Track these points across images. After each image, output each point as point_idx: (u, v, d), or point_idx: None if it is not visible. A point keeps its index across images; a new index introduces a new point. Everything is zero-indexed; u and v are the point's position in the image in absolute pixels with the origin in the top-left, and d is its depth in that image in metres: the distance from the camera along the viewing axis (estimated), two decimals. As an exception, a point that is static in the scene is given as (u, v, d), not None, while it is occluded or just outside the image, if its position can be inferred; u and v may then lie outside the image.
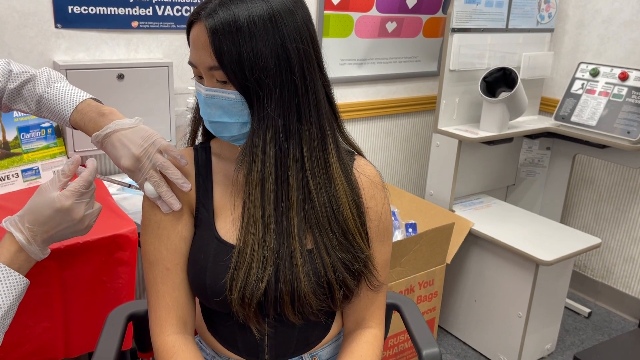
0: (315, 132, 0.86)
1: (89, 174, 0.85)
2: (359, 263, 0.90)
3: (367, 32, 2.34)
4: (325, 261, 0.87)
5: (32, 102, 1.02)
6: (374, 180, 0.96)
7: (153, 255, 0.92)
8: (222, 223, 0.92)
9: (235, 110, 0.84)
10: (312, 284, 0.86)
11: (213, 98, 0.83)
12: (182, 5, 1.86)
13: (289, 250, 0.86)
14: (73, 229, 0.86)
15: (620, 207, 2.52)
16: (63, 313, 1.35)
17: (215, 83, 0.83)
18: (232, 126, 0.85)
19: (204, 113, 0.86)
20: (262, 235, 0.85)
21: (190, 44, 0.83)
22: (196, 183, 0.94)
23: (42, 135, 1.65)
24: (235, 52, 0.79)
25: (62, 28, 1.68)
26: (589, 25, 2.49)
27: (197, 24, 0.81)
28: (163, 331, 0.91)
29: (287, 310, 0.87)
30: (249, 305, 0.85)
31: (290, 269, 0.86)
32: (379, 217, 0.96)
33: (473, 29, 2.17)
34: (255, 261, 0.85)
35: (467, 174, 2.38)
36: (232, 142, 0.89)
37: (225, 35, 0.79)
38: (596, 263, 2.65)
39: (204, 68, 0.82)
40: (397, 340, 2.00)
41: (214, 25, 0.79)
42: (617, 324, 2.48)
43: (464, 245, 2.13)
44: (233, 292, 0.85)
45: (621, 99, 2.16)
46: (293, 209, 0.86)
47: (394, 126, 2.62)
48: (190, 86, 1.91)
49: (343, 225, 0.89)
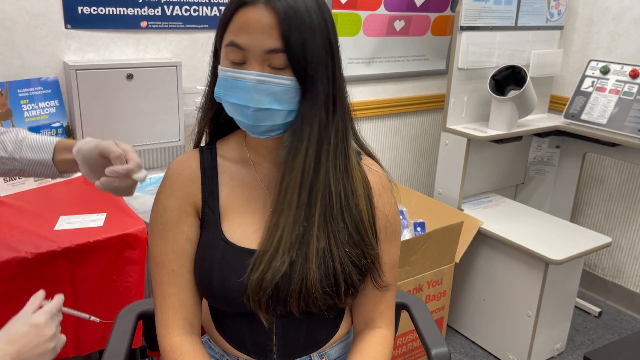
0: (342, 125, 0.88)
1: (57, 302, 0.94)
2: (367, 259, 0.90)
3: (375, 30, 2.33)
4: (334, 253, 0.87)
5: (9, 145, 1.05)
6: (382, 179, 0.96)
7: (159, 257, 0.93)
8: (228, 224, 0.92)
9: (287, 97, 0.83)
10: (320, 274, 0.86)
11: (264, 84, 0.82)
12: (190, 5, 1.86)
13: (308, 238, 0.87)
14: (43, 347, 0.89)
15: (631, 205, 2.49)
16: (73, 311, 1.36)
17: (266, 68, 0.82)
18: (278, 114, 0.84)
19: (248, 100, 0.82)
20: (293, 220, 0.86)
21: (239, 26, 0.81)
22: (202, 184, 0.94)
23: (53, 135, 1.66)
24: (300, 37, 0.80)
25: (72, 28, 1.69)
26: (598, 22, 2.47)
27: (253, 6, 0.80)
28: (170, 332, 0.92)
29: (292, 301, 0.87)
30: (264, 290, 0.85)
31: (304, 257, 0.86)
32: (386, 217, 0.96)
33: (482, 27, 2.16)
34: (282, 245, 0.85)
35: (476, 173, 2.37)
36: (263, 135, 0.87)
37: (292, 19, 0.80)
38: (606, 262, 2.63)
39: (259, 51, 0.81)
40: (406, 339, 1.99)
41: (282, 9, 0.79)
42: (627, 324, 2.46)
43: (472, 244, 2.12)
44: (253, 274, 0.85)
45: (632, 96, 2.14)
46: (318, 199, 0.87)
47: (402, 125, 2.61)
48: (199, 85, 1.92)
49: (357, 217, 0.89)
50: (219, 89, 0.86)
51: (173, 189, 0.93)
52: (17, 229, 1.34)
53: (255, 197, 0.94)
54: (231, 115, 0.87)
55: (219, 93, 0.86)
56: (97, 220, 1.40)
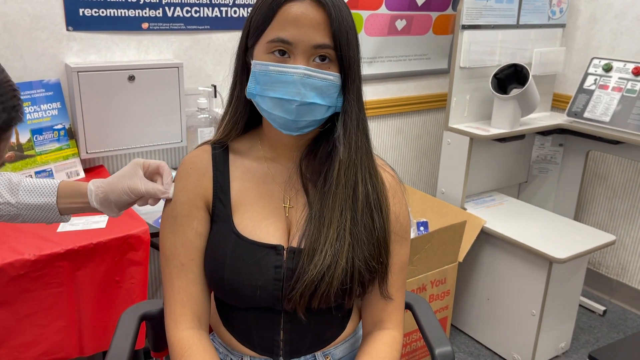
0: (366, 121, 0.92)
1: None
2: (382, 258, 0.91)
3: (376, 30, 2.33)
4: (356, 250, 0.88)
5: (2, 188, 0.95)
6: (394, 179, 0.97)
7: (169, 250, 0.93)
8: (239, 218, 0.93)
9: (330, 93, 0.85)
10: (345, 271, 0.87)
11: (310, 78, 0.83)
12: (191, 7, 1.86)
13: (344, 233, 0.88)
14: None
15: (635, 203, 2.48)
16: (77, 313, 1.37)
17: (311, 63, 0.84)
18: (319, 109, 0.86)
19: (294, 94, 0.83)
20: (339, 215, 0.88)
21: (286, 21, 0.82)
22: (213, 178, 0.94)
23: (55, 137, 1.66)
24: (346, 34, 0.84)
25: (73, 30, 1.69)
26: (601, 20, 2.46)
27: (300, 1, 0.82)
28: (178, 326, 0.92)
29: (305, 295, 0.87)
30: (311, 284, 0.86)
31: (337, 253, 0.87)
32: (397, 217, 0.96)
33: (483, 26, 2.15)
34: (329, 239, 0.87)
35: (479, 172, 2.37)
36: (299, 132, 0.88)
37: (339, 16, 0.83)
38: (611, 260, 2.62)
39: (308, 46, 0.83)
40: (410, 339, 1.99)
41: (331, 5, 0.82)
42: (632, 322, 2.45)
43: (476, 243, 2.12)
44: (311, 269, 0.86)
45: (635, 94, 2.13)
46: (358, 195, 0.89)
47: (404, 124, 2.61)
48: (201, 87, 1.92)
49: (383, 215, 0.91)
50: (256, 85, 0.86)
51: (185, 182, 0.94)
52: (19, 231, 1.34)
53: (267, 192, 0.95)
54: (268, 111, 0.87)
55: (255, 89, 0.87)
56: (99, 222, 1.41)
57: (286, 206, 0.94)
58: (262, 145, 0.97)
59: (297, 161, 0.95)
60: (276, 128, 0.89)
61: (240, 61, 0.91)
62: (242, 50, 0.91)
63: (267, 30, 0.84)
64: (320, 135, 0.94)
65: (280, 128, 0.89)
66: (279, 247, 0.91)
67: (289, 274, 0.89)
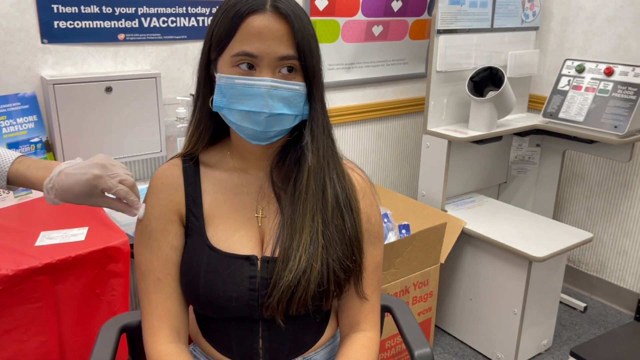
0: (331, 126, 0.93)
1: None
2: (355, 258, 0.92)
3: (353, 36, 2.35)
4: (330, 252, 0.89)
5: None
6: (363, 181, 0.98)
7: (145, 266, 0.93)
8: (213, 231, 0.93)
9: (296, 102, 0.87)
10: (320, 274, 0.88)
11: (277, 89, 0.84)
12: (168, 17, 1.87)
13: (316, 237, 0.89)
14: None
15: (611, 200, 2.53)
16: (57, 327, 1.35)
17: (277, 74, 0.85)
18: (287, 119, 0.87)
19: (262, 106, 0.84)
20: (311, 220, 0.89)
21: (249, 34, 0.82)
22: (185, 192, 0.95)
23: (32, 151, 1.65)
24: (308, 44, 0.85)
25: (48, 43, 1.69)
26: (573, 21, 2.51)
27: (262, 14, 0.82)
28: (156, 340, 0.92)
29: (282, 301, 0.88)
30: (287, 290, 0.87)
31: (312, 257, 0.88)
32: (368, 218, 0.97)
33: (458, 30, 2.18)
34: (302, 245, 0.88)
35: (459, 174, 2.39)
36: (268, 141, 0.89)
37: (302, 27, 0.84)
38: (590, 257, 2.67)
39: (272, 58, 0.83)
40: (395, 341, 2.00)
41: (292, 16, 0.83)
42: (612, 317, 2.50)
43: (457, 244, 2.14)
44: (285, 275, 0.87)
45: (607, 94, 2.18)
46: (327, 198, 0.91)
47: (384, 128, 2.63)
48: (179, 96, 1.92)
49: (353, 216, 0.92)
50: (222, 98, 0.86)
51: (157, 198, 0.94)
52: None
53: (239, 203, 0.95)
54: (237, 123, 0.87)
55: (221, 102, 0.87)
56: (78, 235, 1.40)
57: (259, 216, 0.95)
58: (231, 156, 0.97)
59: (267, 170, 0.96)
60: (245, 139, 0.90)
61: (203, 74, 0.91)
62: (205, 63, 0.90)
63: (230, 43, 0.84)
64: (288, 143, 0.95)
65: (249, 139, 0.89)
66: (252, 258, 0.91)
67: (264, 283, 0.90)
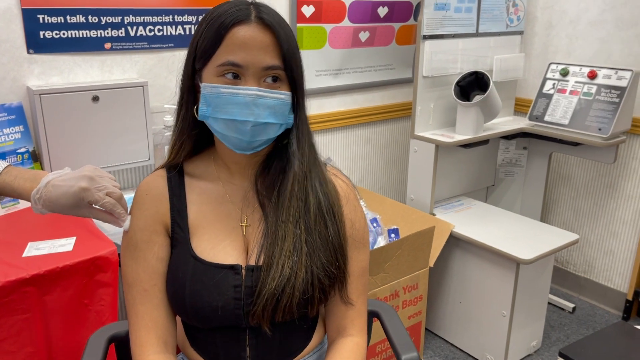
0: (312, 133, 0.95)
1: None
2: (339, 264, 0.93)
3: (340, 42, 2.37)
4: (314, 259, 0.90)
5: None
6: (347, 186, 0.99)
7: (131, 277, 0.94)
8: (197, 241, 0.93)
9: (282, 111, 0.87)
10: (305, 280, 0.89)
11: (262, 98, 0.85)
12: (154, 25, 1.87)
13: (300, 244, 0.90)
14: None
15: (598, 202, 2.56)
16: (46, 338, 1.35)
17: (262, 84, 0.86)
18: (273, 128, 0.88)
19: (247, 115, 0.85)
20: (293, 227, 0.89)
21: (235, 45, 0.83)
22: (170, 203, 0.95)
23: (19, 161, 1.64)
24: (293, 54, 0.86)
25: (34, 53, 1.69)
26: (557, 26, 2.55)
27: (247, 24, 0.84)
28: (144, 352, 0.92)
29: (267, 309, 0.88)
30: (272, 298, 0.87)
31: (295, 264, 0.89)
32: (352, 223, 0.98)
33: (444, 35, 2.21)
34: (285, 253, 0.88)
35: (447, 178, 2.41)
36: (253, 150, 0.90)
37: (287, 37, 0.85)
38: (577, 258, 2.69)
39: (258, 68, 0.84)
40: (385, 346, 2.01)
41: (277, 27, 0.84)
42: (601, 317, 2.52)
43: (446, 247, 2.16)
44: (269, 282, 0.88)
45: (591, 97, 2.21)
46: (309, 205, 0.91)
47: (372, 134, 2.65)
48: (166, 104, 1.92)
49: (337, 222, 0.93)
50: (207, 107, 0.87)
51: (142, 209, 0.94)
52: None
53: (224, 213, 0.96)
54: (222, 132, 0.88)
55: (207, 111, 0.87)
56: (66, 245, 1.40)
57: (243, 225, 0.96)
58: (216, 165, 0.98)
59: (252, 179, 0.96)
60: (230, 148, 0.91)
61: (186, 83, 0.91)
62: (189, 73, 0.90)
63: (215, 54, 0.85)
64: (272, 151, 0.95)
65: (235, 148, 0.90)
66: (236, 267, 0.92)
67: (249, 291, 0.90)
